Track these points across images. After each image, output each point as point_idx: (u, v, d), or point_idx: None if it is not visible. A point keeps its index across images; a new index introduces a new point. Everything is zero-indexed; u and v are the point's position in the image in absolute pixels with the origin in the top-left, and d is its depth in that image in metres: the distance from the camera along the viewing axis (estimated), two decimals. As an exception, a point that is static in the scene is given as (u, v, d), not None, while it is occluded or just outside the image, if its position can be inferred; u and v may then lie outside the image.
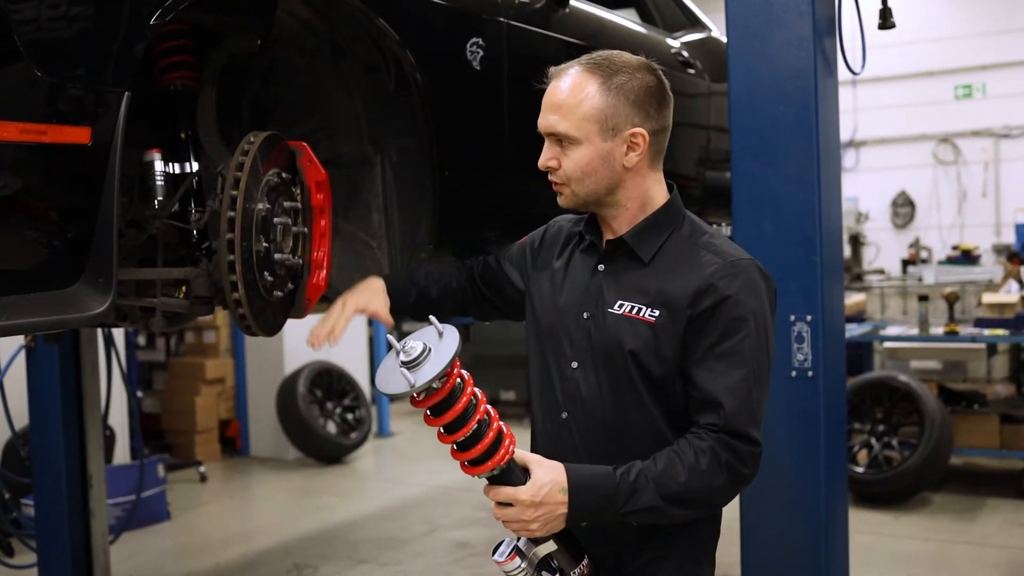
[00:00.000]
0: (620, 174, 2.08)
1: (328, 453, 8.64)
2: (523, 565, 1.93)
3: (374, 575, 5.64)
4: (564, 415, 2.11)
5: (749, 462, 1.98)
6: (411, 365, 1.79)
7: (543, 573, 1.95)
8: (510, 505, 1.90)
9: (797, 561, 3.19)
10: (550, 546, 1.94)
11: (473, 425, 1.86)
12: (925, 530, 6.12)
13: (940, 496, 6.80)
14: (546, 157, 2.10)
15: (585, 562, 1.98)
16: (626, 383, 2.04)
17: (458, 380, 1.85)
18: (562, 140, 2.06)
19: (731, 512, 2.40)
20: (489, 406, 1.91)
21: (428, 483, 7.86)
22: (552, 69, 2.14)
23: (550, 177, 2.12)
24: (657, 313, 2.02)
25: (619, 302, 2.07)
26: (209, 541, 6.48)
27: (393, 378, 1.81)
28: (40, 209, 1.99)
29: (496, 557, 1.94)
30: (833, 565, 3.21)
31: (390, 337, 1.87)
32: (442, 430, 1.87)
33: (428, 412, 1.86)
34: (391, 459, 9.23)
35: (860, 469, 6.60)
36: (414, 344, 1.81)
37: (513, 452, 1.91)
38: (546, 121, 2.09)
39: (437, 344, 1.82)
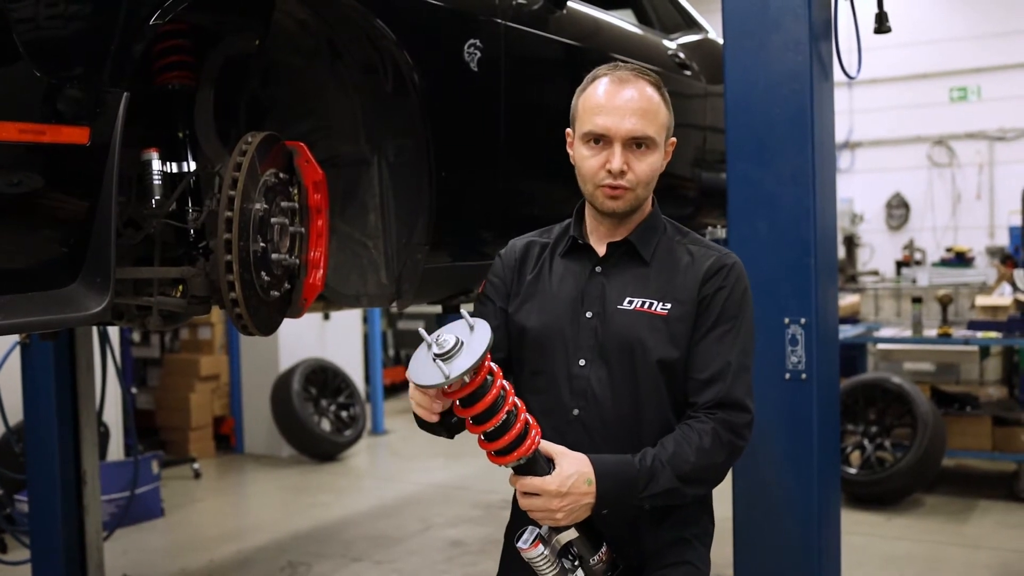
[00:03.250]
0: (656, 180, 2.21)
1: (322, 451, 8.63)
2: (545, 552, 1.98)
3: (368, 573, 5.64)
4: (576, 412, 2.15)
5: (746, 432, 2.13)
6: (444, 358, 1.84)
7: (563, 560, 2.01)
8: (536, 495, 1.96)
9: (790, 562, 3.20)
10: (571, 534, 2.00)
11: (502, 416, 1.91)
12: (917, 531, 6.14)
13: (932, 498, 6.81)
14: (621, 161, 2.10)
15: (604, 549, 2.04)
16: (644, 374, 2.12)
17: (488, 373, 1.89)
18: (640, 145, 2.12)
19: (724, 512, 2.42)
20: (517, 398, 1.96)
21: (422, 481, 7.86)
22: (605, 73, 2.16)
23: (613, 181, 2.11)
24: (669, 306, 2.13)
25: (628, 299, 2.15)
26: (203, 538, 6.48)
27: (426, 370, 1.85)
28: (38, 209, 2.00)
29: (520, 544, 1.99)
30: (825, 566, 3.22)
31: (422, 330, 1.89)
32: (471, 420, 1.93)
33: (458, 403, 1.91)
34: (385, 457, 9.23)
35: (853, 470, 6.61)
36: (447, 337, 1.85)
37: (539, 443, 1.97)
38: (631, 125, 2.10)
39: (469, 337, 1.86)
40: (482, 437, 1.94)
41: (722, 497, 2.27)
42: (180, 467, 8.20)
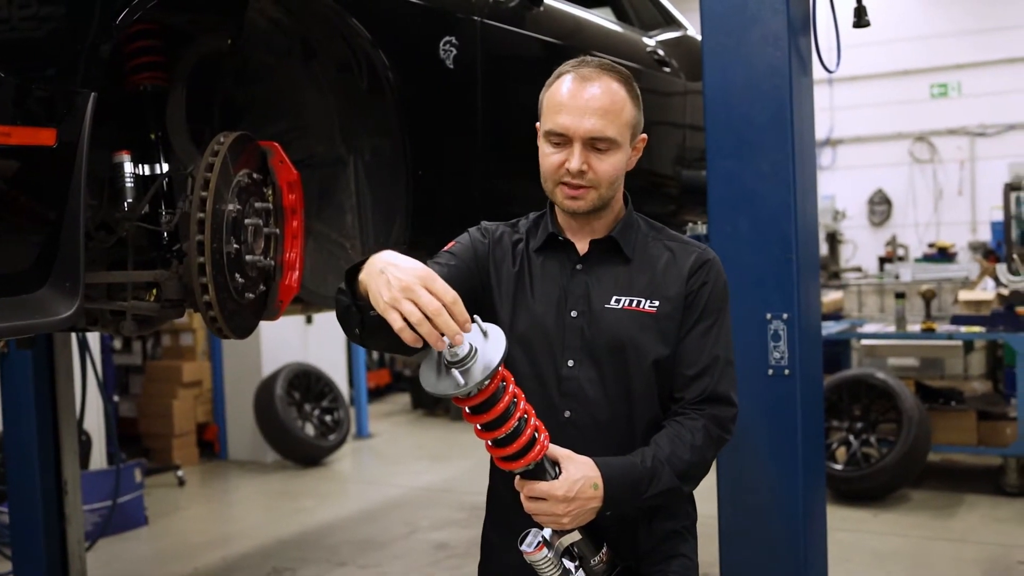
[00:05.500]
0: (623, 177, 2.16)
1: (306, 455, 8.60)
2: (549, 555, 1.96)
3: (353, 578, 5.62)
4: (567, 414, 2.11)
5: (731, 427, 2.15)
6: (459, 365, 1.79)
7: (564, 560, 1.99)
8: (542, 499, 1.94)
9: (776, 559, 3.18)
10: (575, 536, 1.99)
11: (513, 423, 1.88)
12: (904, 527, 6.14)
13: (918, 493, 6.82)
14: (580, 160, 2.06)
15: (604, 549, 2.03)
16: (636, 374, 2.10)
17: (501, 380, 1.86)
18: (600, 144, 2.07)
19: (709, 510, 2.40)
20: (526, 403, 1.94)
21: (407, 484, 7.84)
22: (569, 71, 2.11)
23: (573, 180, 2.07)
24: (657, 303, 2.11)
25: (615, 298, 2.12)
26: (187, 546, 6.44)
27: (441, 378, 1.82)
28: (4, 212, 1.96)
29: (524, 548, 1.97)
30: (811, 562, 3.21)
31: None
32: (480, 427, 1.89)
33: (468, 409, 1.87)
34: (370, 461, 9.20)
35: (839, 466, 6.61)
36: (461, 344, 1.80)
37: (547, 448, 1.95)
38: (590, 125, 2.05)
39: (483, 344, 1.83)
40: (490, 443, 1.92)
41: (707, 495, 2.25)
42: (163, 475, 8.16)
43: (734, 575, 3.26)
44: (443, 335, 1.77)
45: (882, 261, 12.27)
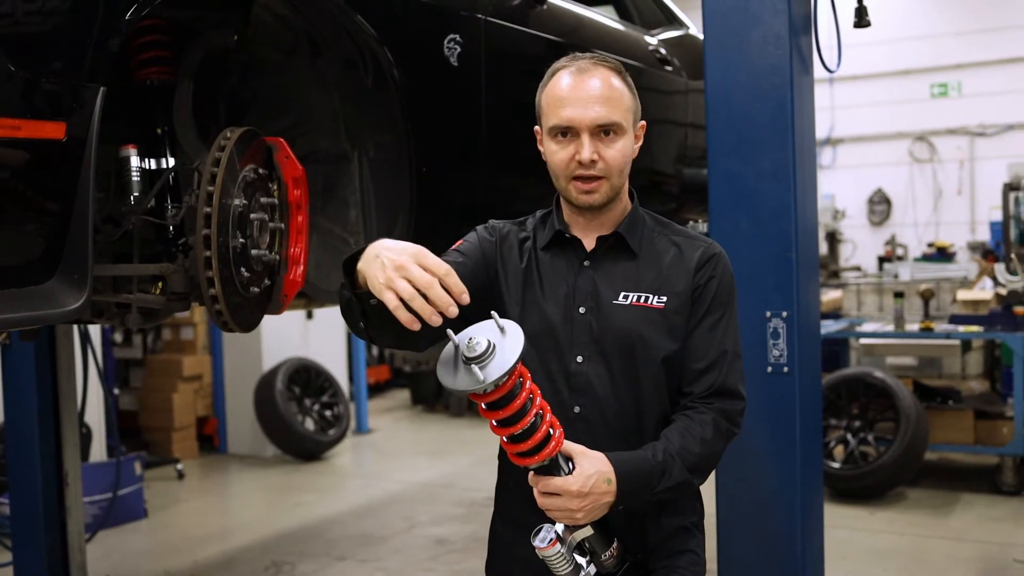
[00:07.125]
0: (630, 166, 2.17)
1: (306, 450, 8.62)
2: (562, 550, 1.97)
3: (352, 572, 5.63)
4: (576, 409, 2.12)
5: (740, 420, 2.16)
6: (477, 362, 1.80)
7: (575, 555, 2.00)
8: (556, 495, 1.95)
9: (773, 556, 3.21)
10: (587, 531, 1.99)
11: (529, 420, 1.89)
12: (901, 525, 6.17)
13: (916, 491, 6.84)
14: (591, 151, 2.07)
15: (615, 544, 2.04)
16: (645, 370, 2.11)
17: (519, 377, 1.87)
18: (608, 132, 2.09)
19: (707, 507, 2.42)
20: (541, 398, 1.94)
21: (406, 479, 7.86)
22: (564, 66, 2.13)
23: (584, 172, 2.09)
24: (665, 299, 2.13)
25: (623, 294, 2.14)
26: (187, 539, 6.45)
27: (459, 375, 1.82)
28: (14, 204, 1.98)
29: (537, 543, 1.97)
30: (809, 560, 3.23)
31: (450, 332, 1.83)
32: (496, 423, 1.90)
33: (484, 406, 1.87)
34: (369, 456, 9.22)
35: (836, 465, 6.63)
36: (479, 340, 1.81)
37: (562, 444, 1.95)
38: (595, 114, 2.07)
39: (501, 340, 1.83)
40: (506, 439, 1.92)
41: (704, 491, 2.26)
42: (163, 468, 8.18)
43: (732, 571, 3.28)
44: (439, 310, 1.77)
45: (881, 260, 12.30)
